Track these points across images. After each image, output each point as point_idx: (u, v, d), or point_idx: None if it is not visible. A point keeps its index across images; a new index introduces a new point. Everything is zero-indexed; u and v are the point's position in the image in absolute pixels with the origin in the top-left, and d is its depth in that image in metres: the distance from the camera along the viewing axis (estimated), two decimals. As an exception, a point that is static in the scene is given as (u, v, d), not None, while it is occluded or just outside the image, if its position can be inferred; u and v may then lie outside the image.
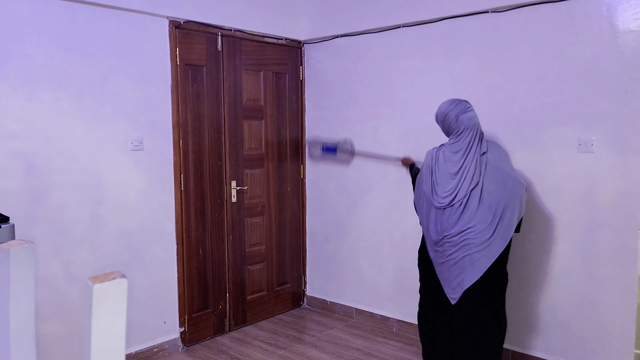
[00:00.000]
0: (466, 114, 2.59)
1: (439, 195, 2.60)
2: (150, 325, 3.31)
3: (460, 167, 2.55)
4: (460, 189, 2.53)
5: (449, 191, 2.56)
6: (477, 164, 2.53)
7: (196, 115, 3.49)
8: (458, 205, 2.53)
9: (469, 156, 2.55)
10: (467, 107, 2.62)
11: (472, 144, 2.57)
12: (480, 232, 2.49)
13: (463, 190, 2.52)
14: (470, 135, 2.57)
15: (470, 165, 2.54)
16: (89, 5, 2.93)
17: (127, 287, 0.79)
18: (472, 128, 2.58)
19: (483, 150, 2.58)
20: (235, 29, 3.66)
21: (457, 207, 2.53)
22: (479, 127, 2.61)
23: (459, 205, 2.53)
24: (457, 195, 2.53)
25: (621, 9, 2.69)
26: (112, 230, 3.10)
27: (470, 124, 2.58)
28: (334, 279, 4.18)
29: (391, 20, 3.58)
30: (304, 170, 4.29)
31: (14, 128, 2.69)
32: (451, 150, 2.61)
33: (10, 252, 0.88)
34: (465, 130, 2.58)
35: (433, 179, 2.65)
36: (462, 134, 2.59)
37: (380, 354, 3.39)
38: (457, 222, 2.52)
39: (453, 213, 2.54)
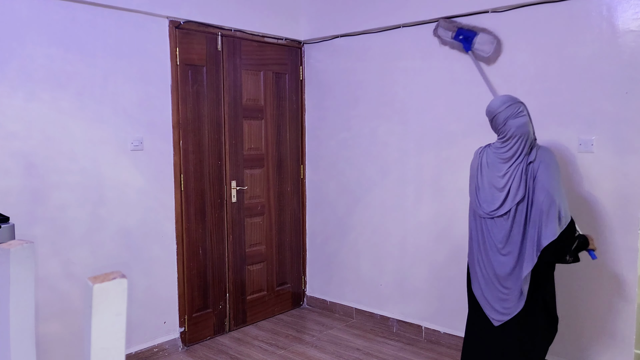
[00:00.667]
0: (516, 119, 2.34)
1: (482, 204, 2.43)
2: (150, 325, 3.31)
3: (504, 175, 2.37)
4: (506, 201, 2.34)
5: (494, 201, 2.38)
6: (522, 174, 2.32)
7: (196, 115, 3.49)
8: (506, 218, 2.35)
9: (514, 164, 2.34)
10: (519, 112, 2.35)
11: (519, 152, 2.34)
12: (513, 252, 2.34)
13: (508, 203, 2.34)
14: (518, 143, 2.34)
15: (516, 175, 2.33)
16: (89, 5, 2.93)
17: (127, 287, 0.79)
18: (522, 136, 2.34)
19: (531, 159, 2.33)
20: (235, 29, 3.66)
21: (504, 220, 2.35)
22: (529, 134, 2.36)
23: (506, 219, 2.35)
24: (502, 207, 2.35)
25: (621, 9, 2.69)
26: (112, 230, 3.10)
27: (519, 132, 2.34)
28: (334, 279, 4.18)
29: (391, 20, 3.58)
30: (304, 170, 4.30)
31: (14, 128, 2.69)
32: (497, 156, 2.41)
33: (10, 252, 0.88)
34: (513, 138, 2.35)
35: (477, 184, 2.48)
36: (509, 141, 2.36)
37: (380, 354, 3.39)
38: (505, 238, 2.35)
39: (500, 227, 2.37)
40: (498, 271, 2.39)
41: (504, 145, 2.39)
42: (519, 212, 2.32)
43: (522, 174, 2.32)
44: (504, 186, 2.35)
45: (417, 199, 3.59)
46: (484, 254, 2.45)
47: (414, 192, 3.60)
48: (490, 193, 2.40)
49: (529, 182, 2.31)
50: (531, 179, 2.31)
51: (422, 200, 3.56)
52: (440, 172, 3.45)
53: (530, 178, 2.31)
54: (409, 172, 3.61)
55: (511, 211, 2.33)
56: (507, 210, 2.34)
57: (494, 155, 2.43)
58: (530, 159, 2.33)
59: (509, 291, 2.37)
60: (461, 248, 3.38)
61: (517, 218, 2.33)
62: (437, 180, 3.47)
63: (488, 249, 2.43)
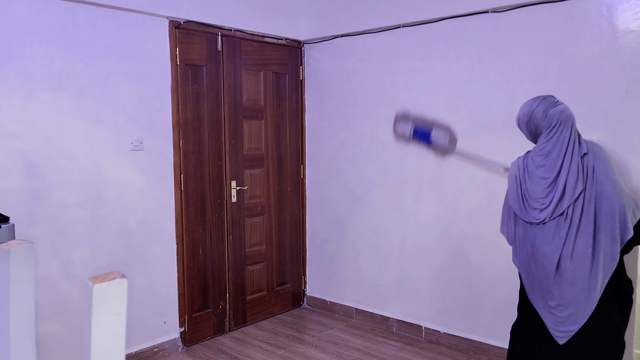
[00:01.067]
0: (556, 107, 2.10)
1: (532, 208, 2.13)
2: (150, 325, 3.31)
3: (559, 170, 2.06)
4: (564, 197, 2.04)
5: (547, 201, 2.08)
6: (579, 166, 2.04)
7: (196, 115, 3.49)
8: (564, 219, 2.05)
9: (566, 156, 2.05)
10: (556, 101, 2.14)
11: (570, 141, 2.06)
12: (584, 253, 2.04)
13: (566, 200, 2.04)
14: (567, 131, 2.07)
15: (571, 167, 2.04)
16: (89, 5, 2.93)
17: (127, 287, 0.79)
18: (567, 122, 2.07)
19: (584, 151, 2.07)
20: (235, 29, 3.66)
21: (562, 221, 2.05)
22: (574, 120, 2.10)
23: (564, 219, 2.05)
24: (560, 205, 2.05)
25: (621, 9, 2.69)
26: (112, 230, 3.10)
27: (564, 116, 2.08)
28: (334, 279, 4.18)
29: (391, 20, 3.58)
30: (304, 170, 4.30)
31: (14, 128, 2.69)
32: (542, 153, 2.12)
33: (10, 252, 0.88)
34: (559, 125, 2.07)
35: (522, 190, 2.18)
36: (555, 131, 2.08)
37: (380, 354, 3.39)
38: (565, 242, 2.05)
39: (558, 229, 2.07)
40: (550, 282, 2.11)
41: (549, 138, 2.10)
42: (576, 211, 2.04)
43: (578, 167, 2.04)
44: (559, 182, 2.06)
45: (417, 199, 3.59)
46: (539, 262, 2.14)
47: (414, 192, 3.60)
48: (542, 195, 2.10)
49: (587, 177, 2.04)
50: (587, 172, 2.05)
51: (422, 200, 3.56)
52: (440, 172, 3.45)
53: (586, 171, 2.05)
54: (409, 172, 3.61)
55: (569, 210, 2.04)
56: (566, 208, 2.04)
57: (537, 155, 2.15)
58: (583, 151, 2.07)
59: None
60: (461, 248, 3.38)
61: (574, 218, 2.04)
62: (437, 180, 3.47)
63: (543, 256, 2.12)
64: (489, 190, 3.22)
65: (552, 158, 2.09)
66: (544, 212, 2.08)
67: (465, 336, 3.39)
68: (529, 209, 2.15)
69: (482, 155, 2.98)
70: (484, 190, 3.24)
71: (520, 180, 2.20)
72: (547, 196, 2.09)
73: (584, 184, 2.04)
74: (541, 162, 2.12)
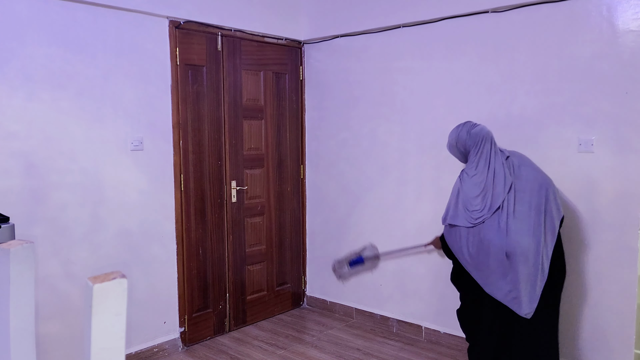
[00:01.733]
0: (476, 127, 2.59)
1: (473, 209, 2.50)
2: (150, 325, 3.31)
3: (487, 172, 2.50)
4: (497, 192, 2.45)
5: (484, 200, 2.47)
6: (504, 165, 2.50)
7: (196, 115, 3.49)
8: (501, 211, 2.43)
9: (491, 161, 2.52)
10: (474, 123, 2.63)
11: (492, 150, 2.54)
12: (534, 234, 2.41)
13: (500, 194, 2.44)
14: (488, 144, 2.55)
15: (497, 167, 2.49)
16: (89, 5, 2.93)
17: (127, 287, 0.79)
18: (487, 137, 2.56)
19: (506, 155, 2.57)
20: (235, 29, 3.66)
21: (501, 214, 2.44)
22: (492, 137, 2.59)
23: (501, 211, 2.44)
24: (496, 200, 2.44)
25: (621, 9, 2.69)
26: (112, 230, 3.10)
27: (483, 133, 2.57)
28: (334, 278, 4.17)
29: (391, 20, 3.58)
30: (304, 170, 4.30)
31: (14, 128, 2.69)
32: (472, 166, 2.57)
33: (10, 252, 0.88)
34: (482, 141, 2.55)
35: (461, 199, 2.56)
36: (480, 146, 2.55)
37: (380, 354, 3.39)
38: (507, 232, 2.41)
39: (499, 221, 2.43)
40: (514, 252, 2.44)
41: (476, 153, 2.55)
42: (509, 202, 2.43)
43: (503, 166, 2.49)
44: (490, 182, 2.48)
45: (417, 199, 3.59)
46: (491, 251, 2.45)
47: (414, 192, 3.60)
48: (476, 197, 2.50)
49: (511, 174, 2.48)
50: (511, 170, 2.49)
51: (422, 200, 3.56)
52: (440, 172, 3.45)
53: (512, 170, 2.49)
54: (409, 172, 3.61)
55: (504, 203, 2.43)
56: (501, 203, 2.43)
57: (469, 169, 2.57)
58: (506, 155, 2.56)
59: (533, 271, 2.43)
60: (461, 248, 3.38)
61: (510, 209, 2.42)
62: (437, 180, 3.47)
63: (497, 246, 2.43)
64: (489, 190, 3.22)
65: (480, 166, 2.52)
66: (484, 210, 2.45)
67: (465, 336, 3.38)
68: (468, 213, 2.50)
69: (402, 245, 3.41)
70: (484, 190, 3.24)
71: (458, 191, 2.58)
72: (484, 196, 2.47)
73: (512, 178, 2.47)
74: (473, 172, 2.54)
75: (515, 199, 2.43)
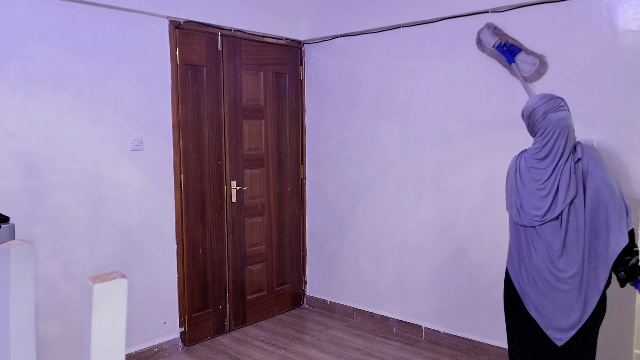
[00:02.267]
0: (557, 112, 2.14)
1: (526, 211, 2.20)
2: (150, 325, 3.31)
3: (550, 175, 2.14)
4: (556, 202, 2.11)
5: (541, 205, 2.15)
6: (571, 172, 2.11)
7: (196, 115, 3.49)
8: (557, 222, 2.12)
9: (560, 162, 2.13)
10: (560, 105, 2.16)
11: (562, 148, 2.13)
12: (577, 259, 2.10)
13: (559, 204, 2.11)
14: (560, 139, 2.13)
15: (564, 172, 2.11)
16: (89, 5, 2.93)
17: (127, 287, 0.79)
18: (563, 130, 2.13)
19: (578, 156, 2.13)
20: (235, 29, 3.66)
21: (555, 224, 2.12)
22: (570, 129, 2.16)
23: (558, 223, 2.12)
24: (552, 210, 2.12)
25: (621, 9, 2.69)
26: (112, 231, 3.10)
27: (560, 125, 2.13)
28: (334, 279, 4.18)
29: (391, 20, 3.58)
30: (304, 170, 4.30)
31: (14, 128, 2.69)
32: (536, 157, 2.19)
33: (10, 252, 0.87)
34: (554, 132, 2.13)
35: (517, 192, 2.25)
36: (550, 137, 2.14)
37: (380, 354, 3.39)
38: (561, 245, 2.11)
39: (550, 232, 2.13)
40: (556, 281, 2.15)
41: (544, 142, 2.16)
42: (572, 215, 2.10)
43: (570, 172, 2.10)
44: (552, 187, 2.12)
45: (417, 199, 3.59)
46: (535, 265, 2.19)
47: (414, 192, 3.60)
48: (535, 198, 2.17)
49: (579, 181, 2.09)
50: (581, 178, 2.10)
51: (422, 200, 3.56)
52: (440, 172, 3.45)
53: (580, 176, 2.10)
54: (409, 172, 3.61)
55: (563, 214, 2.10)
56: (558, 213, 2.10)
57: (531, 157, 2.21)
58: (577, 156, 2.12)
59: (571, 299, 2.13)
60: (461, 248, 3.38)
61: (572, 221, 2.10)
62: (437, 180, 3.47)
63: (541, 259, 2.17)
64: (489, 190, 3.22)
65: (545, 163, 2.16)
66: (539, 214, 2.15)
67: (465, 336, 3.39)
68: (522, 212, 2.21)
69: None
70: (484, 190, 3.25)
71: (516, 181, 2.27)
72: (540, 200, 2.15)
73: (577, 189, 2.09)
74: (534, 165, 2.20)
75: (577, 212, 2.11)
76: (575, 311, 2.11)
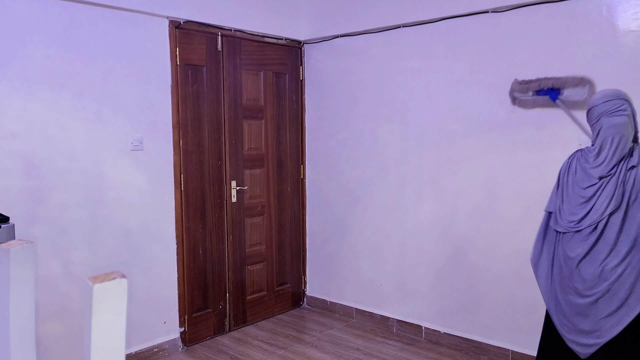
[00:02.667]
0: (612, 118, 1.97)
1: (563, 217, 2.07)
2: (150, 325, 3.31)
3: (593, 183, 2.00)
4: (592, 210, 1.97)
5: (576, 212, 2.02)
6: (617, 180, 1.95)
7: (196, 115, 3.49)
8: (590, 231, 1.98)
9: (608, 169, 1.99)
10: (619, 109, 1.97)
11: (610, 157, 1.96)
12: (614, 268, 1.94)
13: (597, 213, 1.96)
14: (609, 147, 1.97)
15: (610, 181, 1.97)
16: (89, 5, 2.93)
17: (127, 287, 0.79)
18: (615, 138, 1.96)
19: (632, 163, 1.95)
20: (235, 29, 3.66)
21: (587, 233, 1.99)
22: (626, 137, 1.97)
23: (590, 232, 1.98)
24: (586, 218, 1.98)
25: (621, 9, 2.69)
26: (112, 230, 3.10)
27: (611, 133, 1.96)
28: (334, 279, 4.18)
29: (391, 20, 3.58)
30: (304, 170, 4.30)
31: (14, 128, 2.69)
32: (589, 159, 2.04)
33: (10, 252, 0.87)
34: (605, 140, 1.97)
35: (562, 193, 2.12)
36: (600, 142, 2.00)
37: (380, 354, 3.39)
38: (588, 254, 1.98)
39: (581, 241, 2.00)
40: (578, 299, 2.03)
41: (596, 146, 2.02)
42: (609, 227, 1.94)
43: (617, 180, 1.94)
44: (593, 194, 1.98)
45: (417, 199, 3.59)
46: (562, 276, 2.10)
47: (414, 192, 3.60)
48: (575, 203, 2.04)
49: (627, 191, 1.93)
50: (630, 187, 1.93)
51: (422, 200, 3.56)
52: (440, 172, 3.45)
53: (629, 185, 1.93)
54: (409, 172, 3.61)
55: (599, 225, 1.95)
56: (592, 223, 1.96)
57: (585, 160, 2.06)
58: (632, 163, 1.95)
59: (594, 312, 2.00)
60: (461, 248, 3.38)
61: (607, 233, 1.94)
62: (437, 180, 3.47)
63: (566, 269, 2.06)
64: (489, 190, 3.22)
65: (593, 169, 2.02)
66: (572, 220, 2.03)
67: (465, 336, 3.39)
68: (559, 216, 2.09)
69: None
70: (484, 190, 3.25)
71: (562, 182, 2.13)
72: (578, 206, 2.03)
73: (621, 200, 1.93)
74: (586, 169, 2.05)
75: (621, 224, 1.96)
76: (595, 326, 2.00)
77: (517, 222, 3.10)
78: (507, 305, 3.16)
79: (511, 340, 3.15)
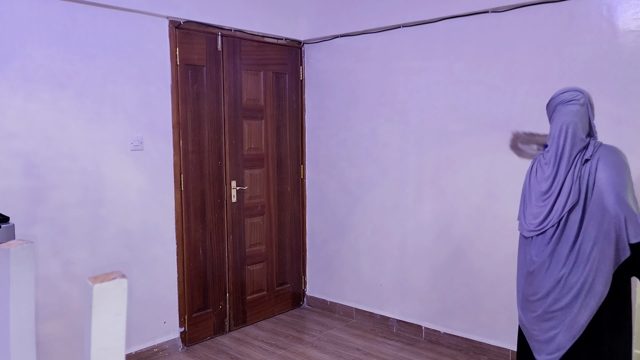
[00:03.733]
0: (566, 106, 1.92)
1: (528, 220, 2.01)
2: (150, 325, 3.31)
3: (552, 181, 1.93)
4: (554, 210, 1.90)
5: (539, 214, 1.95)
6: (574, 177, 1.88)
7: (196, 115, 3.49)
8: (552, 233, 1.91)
9: (562, 166, 1.91)
10: (574, 98, 1.93)
11: (565, 147, 1.90)
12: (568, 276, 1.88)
13: (557, 212, 1.89)
14: (564, 136, 1.90)
15: (566, 176, 1.90)
16: (89, 5, 2.93)
17: (127, 287, 0.79)
18: (570, 125, 1.90)
19: (586, 157, 1.89)
20: (235, 29, 3.66)
21: (549, 235, 1.92)
22: (578, 126, 1.91)
23: (552, 233, 1.91)
24: (549, 218, 1.92)
25: (621, 9, 2.69)
26: (112, 230, 3.10)
27: (566, 119, 1.90)
28: (334, 279, 4.18)
29: (391, 20, 3.58)
30: (304, 170, 4.30)
31: (14, 128, 2.69)
32: (545, 158, 1.99)
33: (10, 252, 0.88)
34: (560, 130, 1.91)
35: (524, 198, 2.07)
36: (553, 134, 1.94)
37: (380, 354, 3.39)
38: (550, 257, 1.92)
39: (544, 244, 1.93)
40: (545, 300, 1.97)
41: (550, 140, 1.97)
42: (569, 225, 1.88)
43: (573, 176, 1.88)
44: (552, 192, 1.92)
45: (417, 199, 3.59)
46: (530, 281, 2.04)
47: (414, 192, 3.60)
48: (536, 203, 1.97)
49: (582, 185, 1.87)
50: (586, 182, 1.87)
51: (422, 200, 3.56)
52: (440, 172, 3.45)
53: (585, 180, 1.87)
54: (409, 172, 3.61)
55: (561, 222, 1.89)
56: (556, 222, 1.90)
57: (543, 158, 2.02)
58: (586, 157, 1.89)
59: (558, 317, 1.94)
60: (461, 248, 3.38)
61: (567, 231, 1.89)
62: (437, 180, 3.47)
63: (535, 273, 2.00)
64: (489, 190, 3.22)
65: (550, 166, 1.96)
66: (533, 224, 1.98)
67: (465, 336, 3.39)
68: (526, 219, 2.03)
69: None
70: (484, 190, 3.25)
71: (526, 187, 2.07)
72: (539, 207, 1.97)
73: (577, 196, 1.86)
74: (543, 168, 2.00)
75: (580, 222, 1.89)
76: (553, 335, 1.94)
77: (517, 222, 3.10)
78: (507, 305, 3.16)
79: (511, 340, 3.14)
